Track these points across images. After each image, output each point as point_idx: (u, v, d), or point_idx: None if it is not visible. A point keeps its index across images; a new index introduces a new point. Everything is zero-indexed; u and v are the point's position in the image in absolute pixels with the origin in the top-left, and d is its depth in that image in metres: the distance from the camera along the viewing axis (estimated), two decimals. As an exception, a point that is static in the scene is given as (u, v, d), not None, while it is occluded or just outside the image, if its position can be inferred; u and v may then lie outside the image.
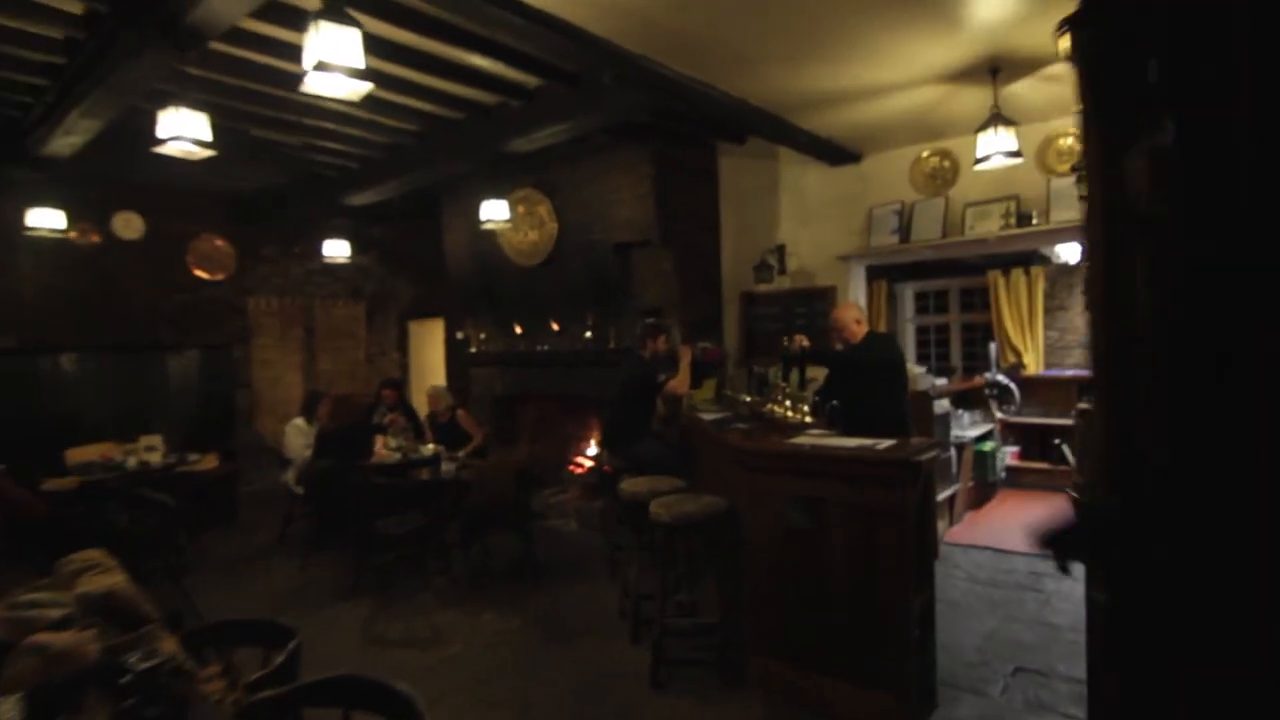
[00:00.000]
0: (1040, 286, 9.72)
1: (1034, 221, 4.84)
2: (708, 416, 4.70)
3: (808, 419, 3.88)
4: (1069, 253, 7.20)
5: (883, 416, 4.35)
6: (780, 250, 6.04)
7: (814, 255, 5.96)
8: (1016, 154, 3.91)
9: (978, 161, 4.01)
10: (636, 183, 5.89)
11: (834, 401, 3.84)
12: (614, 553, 5.23)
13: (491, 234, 6.97)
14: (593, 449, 7.00)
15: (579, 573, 5.35)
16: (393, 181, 6.24)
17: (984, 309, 10.18)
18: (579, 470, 7.06)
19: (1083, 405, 5.73)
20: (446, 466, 5.83)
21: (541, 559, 5.37)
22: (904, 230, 5.37)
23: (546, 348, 6.83)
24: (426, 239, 8.06)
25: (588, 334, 6.47)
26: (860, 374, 4.38)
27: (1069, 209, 4.72)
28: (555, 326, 6.75)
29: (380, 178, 6.24)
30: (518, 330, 7.07)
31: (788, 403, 4.15)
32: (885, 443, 3.28)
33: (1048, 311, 9.76)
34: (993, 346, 7.72)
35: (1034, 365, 9.52)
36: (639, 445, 5.11)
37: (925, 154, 5.42)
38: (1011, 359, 9.68)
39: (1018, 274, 9.80)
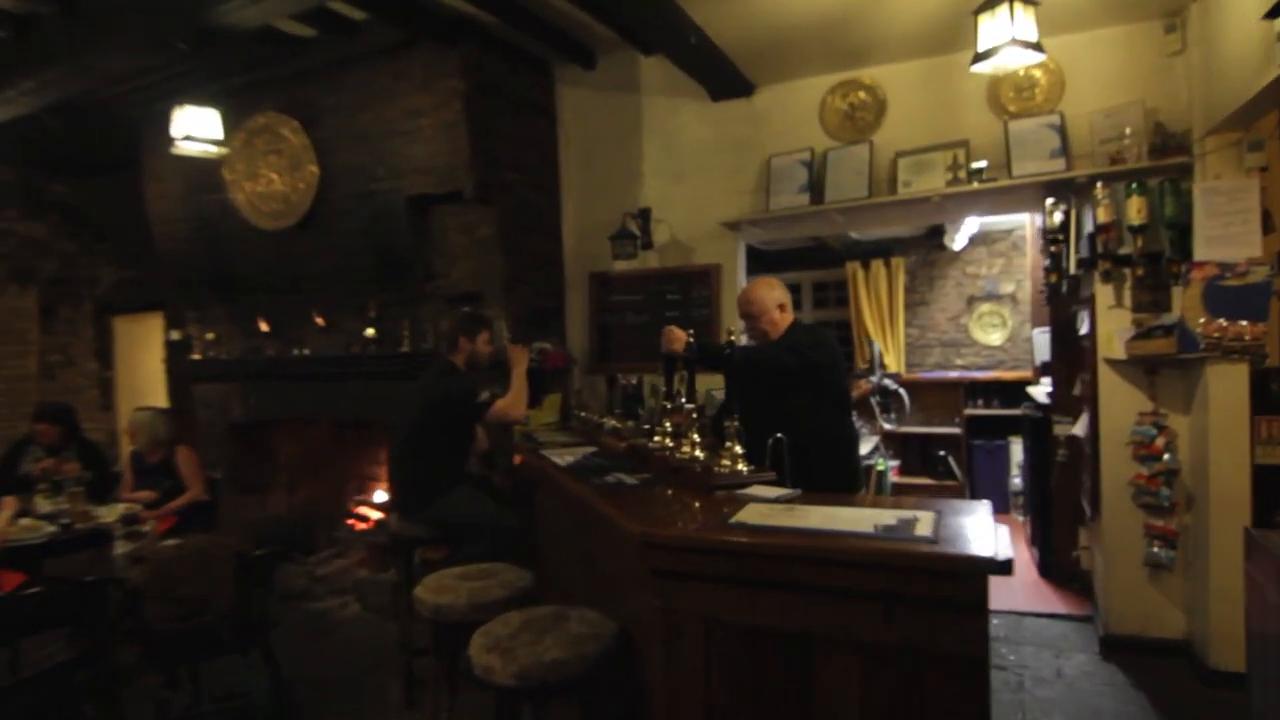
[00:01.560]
0: (901, 280, 9.01)
1: (984, 176, 3.64)
2: (560, 458, 2.95)
3: (741, 465, 2.26)
4: (962, 235, 6.35)
5: (825, 450, 2.88)
6: (645, 216, 4.42)
7: (691, 222, 4.41)
8: (1037, 47, 2.57)
9: (977, 59, 2.64)
10: (440, 106, 3.98)
11: (779, 435, 2.27)
12: (411, 659, 3.32)
13: (218, 183, 4.69)
14: (381, 494, 4.95)
15: (357, 700, 3.38)
16: (27, 82, 3.80)
17: (838, 305, 9.37)
18: (362, 525, 4.97)
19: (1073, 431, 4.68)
20: (121, 547, 3.56)
21: (295, 678, 3.34)
22: (815, 187, 3.97)
23: (308, 352, 4.67)
24: (137, 200, 5.50)
25: (370, 331, 4.43)
26: (797, 383, 2.87)
27: (1034, 158, 3.55)
28: (320, 321, 4.62)
29: (4, 74, 3.77)
30: (264, 327, 4.83)
31: (695, 436, 2.52)
32: (916, 515, 1.73)
33: (908, 307, 9.08)
34: (875, 346, 6.70)
35: (895, 365, 8.75)
36: (449, 501, 3.24)
37: (841, 85, 4.05)
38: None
39: (878, 265, 9.03)
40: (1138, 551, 3.51)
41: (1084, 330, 3.76)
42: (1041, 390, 5.07)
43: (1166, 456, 3.38)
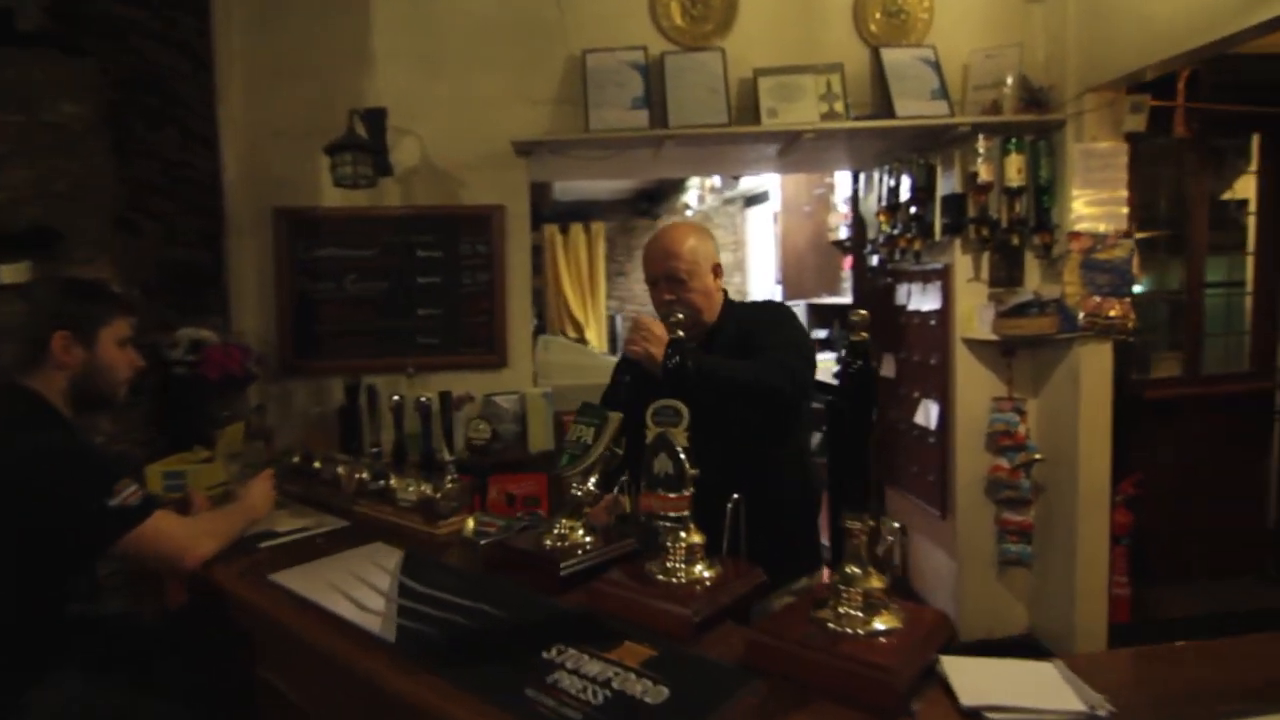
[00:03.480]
0: (601, 247, 8.36)
1: (850, 112, 2.90)
2: (344, 598, 1.36)
3: (881, 620, 1.07)
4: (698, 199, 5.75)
5: (793, 508, 1.89)
6: (378, 121, 2.74)
7: (458, 139, 2.88)
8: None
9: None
10: None
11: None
12: None
13: None
14: None
15: None
16: None
17: (533, 272, 8.37)
18: None
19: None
20: None
21: None
22: (652, 101, 2.81)
23: None
24: None
25: None
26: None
27: (915, 98, 2.92)
28: None
29: None
30: None
31: (695, 538, 1.25)
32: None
33: (608, 277, 8.48)
34: (618, 318, 5.82)
35: (596, 340, 8.12)
36: (27, 710, 1.36)
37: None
38: (573, 334, 8.10)
39: (577, 230, 8.26)
40: (989, 550, 3.23)
41: (929, 306, 3.33)
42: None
43: (1030, 445, 3.11)
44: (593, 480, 1.48)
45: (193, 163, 2.60)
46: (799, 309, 5.33)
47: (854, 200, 3.80)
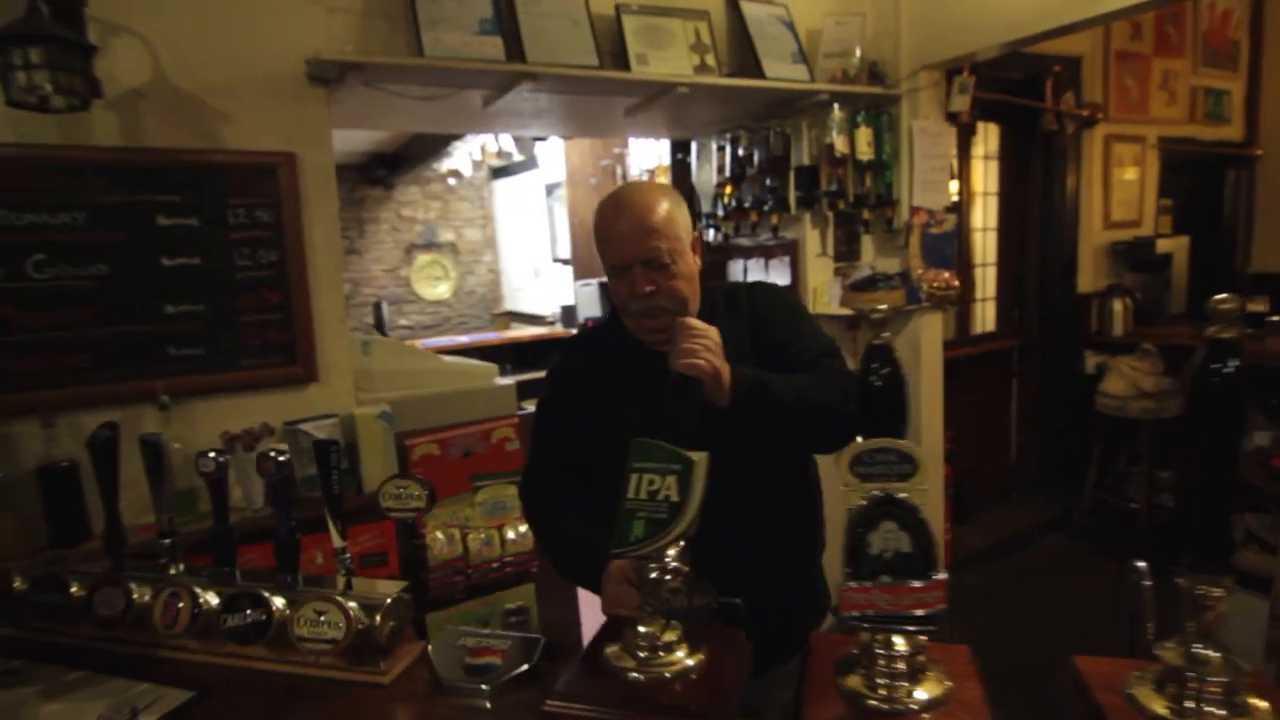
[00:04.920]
0: (328, 220, 7.05)
1: (722, 68, 2.58)
2: None
3: None
4: (467, 163, 4.96)
5: (805, 548, 1.53)
6: (69, 6, 1.71)
7: (220, 52, 1.93)
8: None
9: None
10: None
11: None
12: None
13: None
14: None
15: None
16: None
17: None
18: None
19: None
20: None
21: None
22: (505, 27, 2.17)
23: None
24: None
25: None
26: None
27: (778, 59, 2.69)
28: None
29: None
30: None
31: (904, 666, 0.84)
32: None
33: (338, 256, 7.20)
34: (383, 305, 4.82)
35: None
36: None
37: None
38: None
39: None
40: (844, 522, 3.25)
41: (775, 281, 3.19)
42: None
43: (879, 417, 3.15)
44: (672, 554, 0.97)
45: None
46: (590, 289, 4.96)
47: (681, 170, 3.52)
